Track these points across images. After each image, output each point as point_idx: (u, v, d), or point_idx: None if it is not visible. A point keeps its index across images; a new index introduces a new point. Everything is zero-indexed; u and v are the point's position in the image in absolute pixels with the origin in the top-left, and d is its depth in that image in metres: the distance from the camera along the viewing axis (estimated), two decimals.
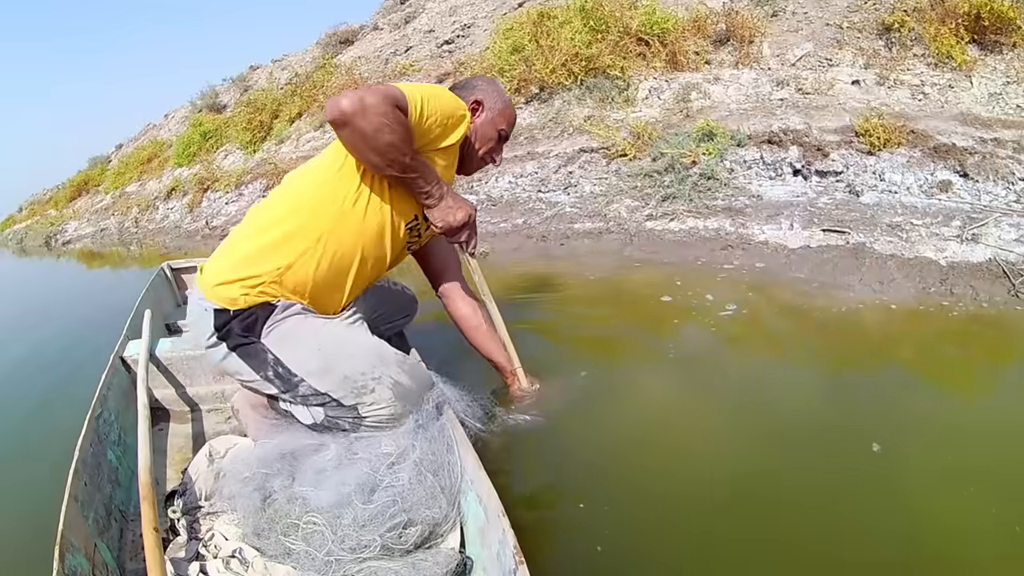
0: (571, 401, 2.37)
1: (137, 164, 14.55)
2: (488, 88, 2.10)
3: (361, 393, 1.74)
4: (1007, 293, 3.28)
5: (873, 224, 4.13)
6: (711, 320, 3.11)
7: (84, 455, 1.76)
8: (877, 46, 6.27)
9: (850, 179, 4.68)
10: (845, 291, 3.42)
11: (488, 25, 9.76)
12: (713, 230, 4.42)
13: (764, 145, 5.07)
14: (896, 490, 1.79)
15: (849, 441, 2.03)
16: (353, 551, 1.50)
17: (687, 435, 2.23)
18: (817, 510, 1.76)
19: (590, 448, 2.14)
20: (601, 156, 5.74)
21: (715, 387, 2.53)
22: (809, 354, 2.77)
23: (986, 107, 5.25)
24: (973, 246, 3.77)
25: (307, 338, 1.77)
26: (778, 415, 2.26)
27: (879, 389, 2.40)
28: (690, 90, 6.42)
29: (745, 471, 1.96)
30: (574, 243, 4.66)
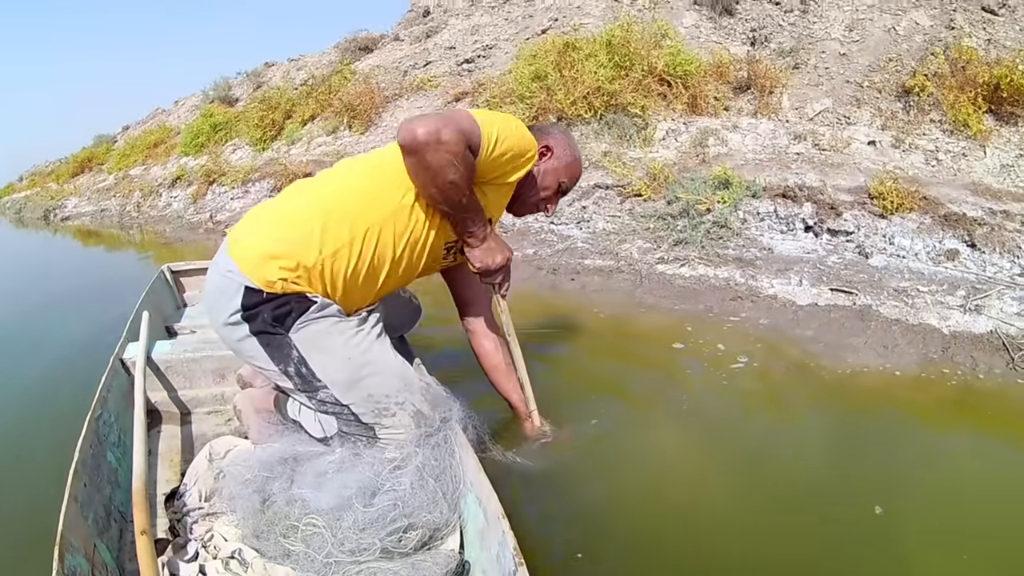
0: (581, 448, 2.43)
1: (143, 148, 14.67)
2: (562, 139, 2.14)
3: (382, 415, 1.77)
4: (1006, 366, 3.38)
5: (880, 287, 4.25)
6: (723, 372, 3.20)
7: (84, 456, 1.78)
8: (895, 108, 6.44)
9: (860, 240, 4.80)
10: (851, 353, 3.53)
11: (510, 48, 9.92)
12: (723, 279, 4.53)
13: (778, 199, 5.20)
14: (897, 552, 1.89)
15: (853, 502, 2.14)
16: (352, 553, 1.53)
17: (692, 485, 2.31)
18: (819, 569, 1.85)
19: (596, 494, 2.18)
20: (616, 193, 5.86)
21: (726, 440, 2.62)
22: (817, 413, 2.88)
23: (997, 178, 5.40)
24: (976, 317, 3.88)
25: (338, 347, 1.77)
26: (785, 473, 2.36)
27: (882, 452, 2.50)
28: (708, 135, 6.56)
29: (746, 520, 2.07)
30: (584, 279, 4.76)
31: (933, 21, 7.40)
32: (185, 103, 17.18)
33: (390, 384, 1.79)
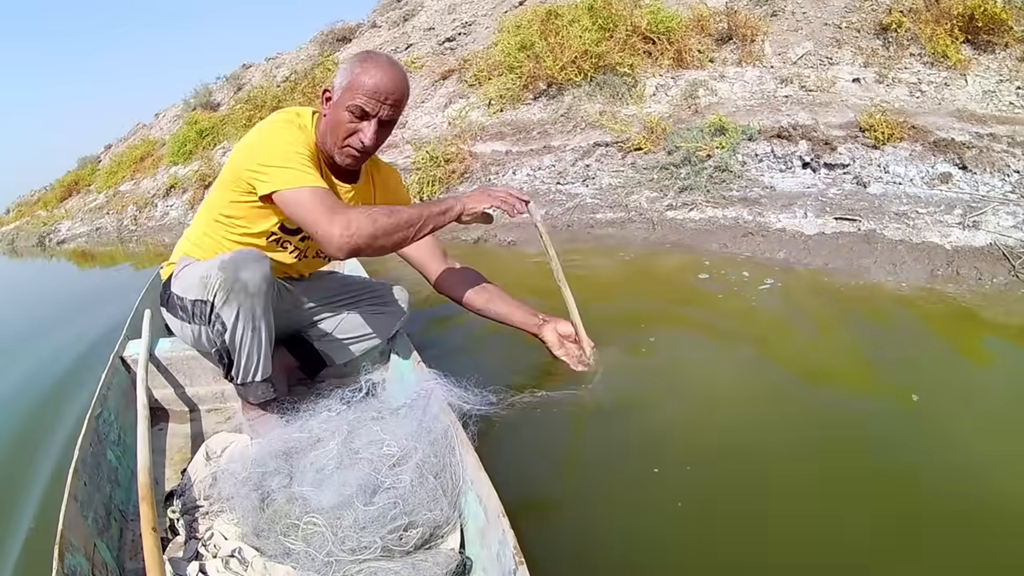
0: (627, 379, 2.62)
1: (130, 163, 14.81)
2: (340, 68, 2.03)
3: (206, 285, 1.98)
4: (1008, 273, 3.71)
5: (881, 212, 4.56)
6: (752, 294, 3.52)
7: (84, 455, 1.80)
8: (875, 45, 6.74)
9: (857, 171, 5.12)
10: (863, 272, 3.85)
11: (490, 23, 10.14)
12: (732, 219, 4.84)
13: (774, 139, 5.50)
14: (937, 433, 2.19)
15: (893, 393, 2.44)
16: (353, 552, 1.56)
17: (731, 424, 2.43)
18: (874, 454, 2.12)
19: (597, 493, 2.20)
20: (616, 150, 6.14)
21: (769, 364, 2.85)
22: (844, 322, 3.20)
23: (980, 104, 5.73)
24: (975, 232, 4.20)
25: (186, 275, 2.15)
26: (826, 378, 2.65)
27: (908, 350, 2.84)
28: (697, 87, 6.85)
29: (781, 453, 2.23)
30: (599, 231, 5.06)
31: None
32: (166, 114, 17.28)
33: (207, 266, 2.02)
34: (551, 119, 7.18)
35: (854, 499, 1.89)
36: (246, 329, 1.96)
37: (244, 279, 1.89)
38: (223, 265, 1.91)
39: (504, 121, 7.55)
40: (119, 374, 2.39)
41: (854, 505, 1.86)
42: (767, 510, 1.93)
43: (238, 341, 1.98)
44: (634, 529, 1.96)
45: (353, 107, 1.91)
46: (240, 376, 2.07)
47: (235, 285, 1.89)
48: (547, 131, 6.91)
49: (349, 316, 2.47)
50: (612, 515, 2.03)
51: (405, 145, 8.16)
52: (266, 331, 2.00)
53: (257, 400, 2.12)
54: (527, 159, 6.48)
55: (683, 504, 2.00)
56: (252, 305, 1.92)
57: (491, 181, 6.46)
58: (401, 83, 1.95)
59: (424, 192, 6.57)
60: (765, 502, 1.97)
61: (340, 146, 1.99)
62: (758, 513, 1.93)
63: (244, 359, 2.02)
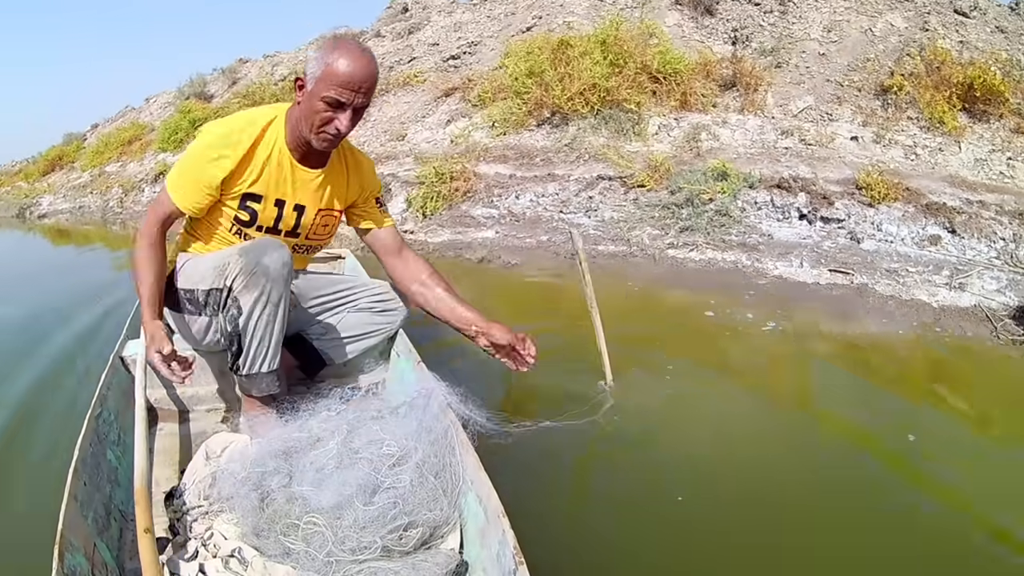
0: (639, 399, 2.85)
1: (118, 145, 14.83)
2: (311, 56, 2.07)
3: (224, 273, 2.08)
4: (990, 334, 3.96)
5: (873, 268, 4.83)
6: (756, 334, 3.75)
7: (84, 455, 1.81)
8: (874, 105, 7.08)
9: (851, 227, 5.39)
10: (856, 322, 4.09)
11: (496, 45, 10.38)
12: (731, 262, 5.07)
13: (774, 189, 5.77)
14: (933, 470, 2.45)
15: (890, 433, 2.69)
16: (353, 552, 1.58)
17: (726, 443, 2.66)
18: (874, 489, 2.35)
19: (597, 492, 2.36)
20: (619, 184, 6.37)
21: (770, 397, 3.12)
22: (841, 365, 3.49)
23: (972, 171, 6.06)
24: (960, 293, 4.48)
25: (194, 268, 2.24)
26: (828, 418, 2.88)
27: (902, 393, 3.13)
28: (700, 130, 7.13)
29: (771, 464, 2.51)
30: (602, 263, 5.26)
31: (908, 23, 8.09)
32: (156, 100, 17.34)
33: (221, 256, 2.14)
34: (554, 147, 7.40)
35: (850, 530, 2.09)
36: (262, 314, 2.04)
37: (266, 263, 2.00)
38: (243, 251, 2.03)
39: (507, 144, 7.75)
40: (119, 374, 2.41)
41: (850, 535, 2.06)
42: (762, 514, 2.13)
43: (252, 326, 2.06)
44: (633, 530, 2.08)
45: (328, 98, 1.98)
46: (247, 365, 2.13)
47: (256, 268, 1.99)
48: (550, 159, 7.13)
49: (348, 316, 2.55)
50: (612, 516, 2.15)
51: (405, 158, 8.34)
52: (280, 321, 2.09)
53: (260, 393, 2.18)
54: (531, 184, 6.68)
55: (682, 505, 2.16)
56: (271, 289, 2.02)
57: (493, 202, 6.64)
58: (372, 71, 2.03)
59: (428, 207, 6.74)
60: (758, 508, 2.17)
61: (316, 132, 2.06)
62: (758, 516, 2.12)
63: (255, 346, 2.10)
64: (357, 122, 2.10)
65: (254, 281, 2.01)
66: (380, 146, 9.17)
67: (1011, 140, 6.28)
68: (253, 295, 2.02)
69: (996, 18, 7.96)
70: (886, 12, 8.37)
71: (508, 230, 6.13)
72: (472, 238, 6.08)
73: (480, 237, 6.08)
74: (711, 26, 9.43)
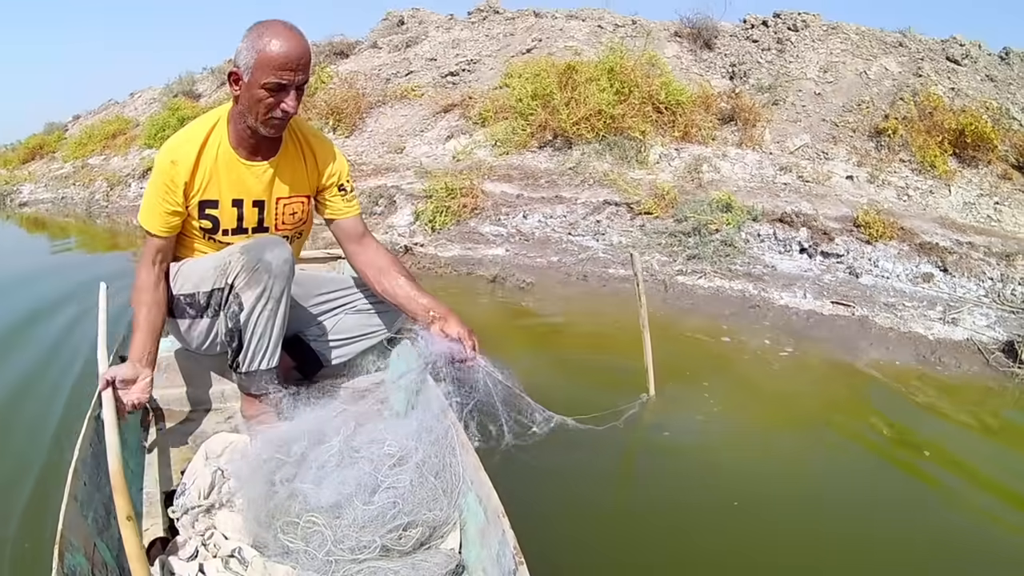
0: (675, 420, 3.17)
1: (101, 138, 14.97)
2: (241, 46, 2.10)
3: (225, 271, 2.13)
4: (984, 365, 4.37)
5: (873, 302, 5.23)
6: (775, 360, 4.13)
7: (84, 455, 1.84)
8: (868, 147, 7.57)
9: (850, 262, 5.80)
10: (861, 351, 4.48)
11: (494, 64, 10.75)
12: (738, 291, 5.45)
13: (776, 223, 6.18)
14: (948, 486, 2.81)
15: (904, 451, 3.09)
16: (352, 552, 1.62)
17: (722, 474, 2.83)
18: (886, 504, 2.72)
19: (598, 492, 2.56)
20: (626, 210, 6.74)
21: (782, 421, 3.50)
22: (855, 389, 3.90)
23: (961, 214, 6.54)
24: (953, 327, 4.88)
25: (191, 271, 2.32)
26: (845, 439, 3.25)
27: (912, 416, 3.54)
28: (701, 162, 7.55)
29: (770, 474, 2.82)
30: (615, 286, 5.59)
31: (902, 68, 8.64)
32: (141, 96, 17.47)
33: (213, 262, 2.23)
34: (558, 170, 7.77)
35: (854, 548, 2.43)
36: (264, 309, 2.11)
37: (268, 259, 2.06)
38: (245, 249, 2.10)
39: (511, 164, 8.10)
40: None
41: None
42: (763, 517, 2.39)
43: (253, 322, 2.12)
44: (633, 530, 2.21)
45: (269, 84, 2.03)
46: (247, 362, 2.19)
47: (259, 264, 2.06)
48: (555, 181, 7.49)
49: (346, 317, 2.59)
50: (611, 516, 2.30)
51: (406, 171, 8.63)
52: (281, 317, 2.16)
53: (259, 391, 2.24)
54: (539, 205, 7.02)
55: (681, 508, 2.35)
56: (274, 285, 2.08)
57: (501, 221, 6.96)
58: (305, 47, 2.07)
59: (437, 221, 7.04)
60: (761, 515, 2.42)
61: (263, 120, 2.11)
62: (761, 521, 2.36)
63: (256, 342, 2.15)
64: (301, 99, 2.15)
65: (256, 277, 2.07)
66: (378, 157, 9.45)
67: (998, 185, 6.78)
68: (256, 291, 2.08)
69: (986, 67, 8.54)
70: (881, 56, 8.91)
71: (518, 249, 6.44)
72: (482, 255, 6.37)
73: (490, 254, 6.38)
74: (709, 60, 9.92)
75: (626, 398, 3.19)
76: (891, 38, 9.26)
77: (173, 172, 2.17)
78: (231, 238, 2.31)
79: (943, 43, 8.98)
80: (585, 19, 11.51)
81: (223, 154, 2.23)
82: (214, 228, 2.29)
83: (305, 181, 2.40)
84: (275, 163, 2.30)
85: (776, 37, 9.74)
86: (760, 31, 10.01)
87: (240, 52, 2.07)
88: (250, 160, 2.26)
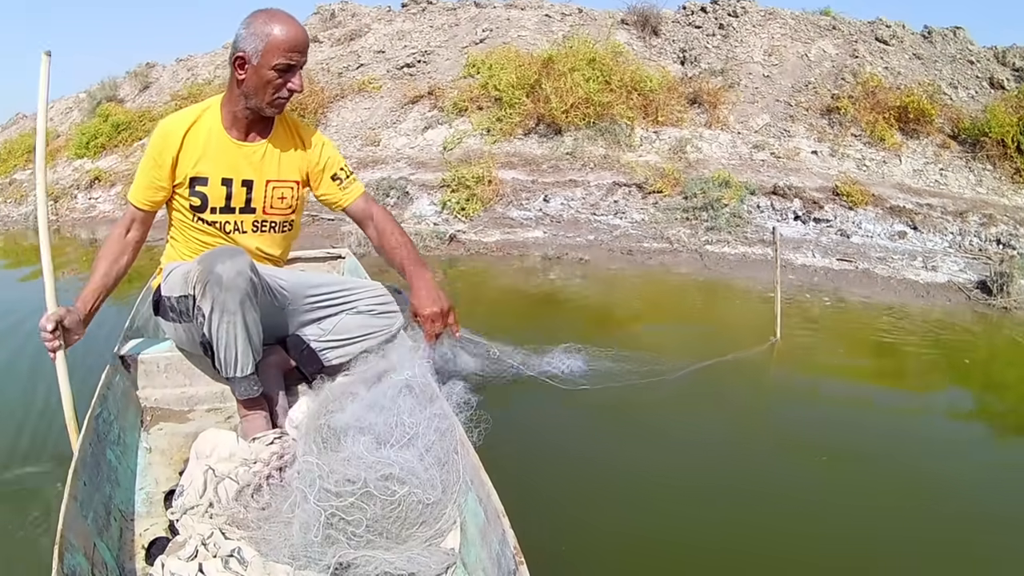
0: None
1: (22, 152, 15.03)
2: (245, 34, 2.35)
3: (188, 280, 2.28)
4: (966, 300, 6.07)
5: (867, 257, 6.92)
6: (822, 306, 5.70)
7: (83, 455, 1.92)
8: (822, 124, 9.34)
9: (839, 226, 7.49)
10: (875, 295, 6.10)
11: (448, 55, 11.89)
12: (760, 255, 7.00)
13: (772, 195, 7.80)
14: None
15: (928, 379, 4.66)
16: (337, 484, 1.78)
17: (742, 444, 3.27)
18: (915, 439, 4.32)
19: (598, 492, 2.74)
20: (636, 190, 8.21)
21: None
22: (884, 322, 5.42)
23: (913, 180, 8.37)
24: (935, 273, 6.62)
25: (172, 276, 2.49)
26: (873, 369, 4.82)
27: (930, 341, 5.06)
28: (684, 143, 9.10)
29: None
30: (658, 259, 7.00)
31: (838, 50, 10.49)
32: (54, 106, 17.50)
33: (185, 268, 2.40)
34: (554, 155, 9.11)
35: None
36: (221, 322, 2.22)
37: (218, 272, 2.17)
38: (201, 260, 2.25)
39: (507, 152, 9.35)
40: (119, 374, 2.54)
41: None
42: (771, 513, 2.65)
43: (215, 334, 2.25)
44: (634, 530, 2.38)
45: (279, 65, 2.32)
46: (223, 369, 2.33)
47: (210, 277, 2.17)
48: (557, 166, 8.85)
49: (347, 318, 2.67)
50: (612, 516, 2.49)
51: (396, 162, 9.69)
52: (242, 326, 2.25)
53: (242, 396, 2.39)
54: (557, 189, 8.35)
55: (683, 507, 2.55)
56: (225, 299, 2.19)
57: (523, 205, 8.28)
58: (305, 31, 2.40)
59: (469, 209, 8.26)
60: (781, 511, 2.69)
61: (271, 101, 2.39)
62: (770, 521, 2.59)
63: (223, 353, 2.28)
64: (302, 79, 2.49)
65: (208, 290, 2.19)
66: (357, 150, 10.41)
67: (940, 154, 8.68)
68: (209, 304, 2.21)
69: (912, 46, 10.52)
70: (817, 39, 10.75)
71: (555, 230, 7.78)
72: (523, 237, 7.65)
73: (531, 236, 7.67)
74: (659, 46, 11.48)
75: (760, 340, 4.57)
76: (824, 21, 11.16)
77: (162, 145, 2.43)
78: (219, 216, 2.52)
79: (871, 24, 10.92)
80: (525, 8, 12.82)
81: (215, 134, 2.48)
82: (202, 206, 2.50)
83: (295, 166, 2.62)
84: (266, 145, 2.55)
85: (718, 23, 11.40)
86: (701, 17, 11.68)
87: (245, 39, 2.33)
88: (242, 141, 2.51)
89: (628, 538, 2.40)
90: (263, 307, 2.36)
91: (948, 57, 10.30)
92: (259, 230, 2.61)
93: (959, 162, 8.62)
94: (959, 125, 8.98)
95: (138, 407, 2.57)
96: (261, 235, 2.62)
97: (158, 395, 2.62)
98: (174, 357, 2.63)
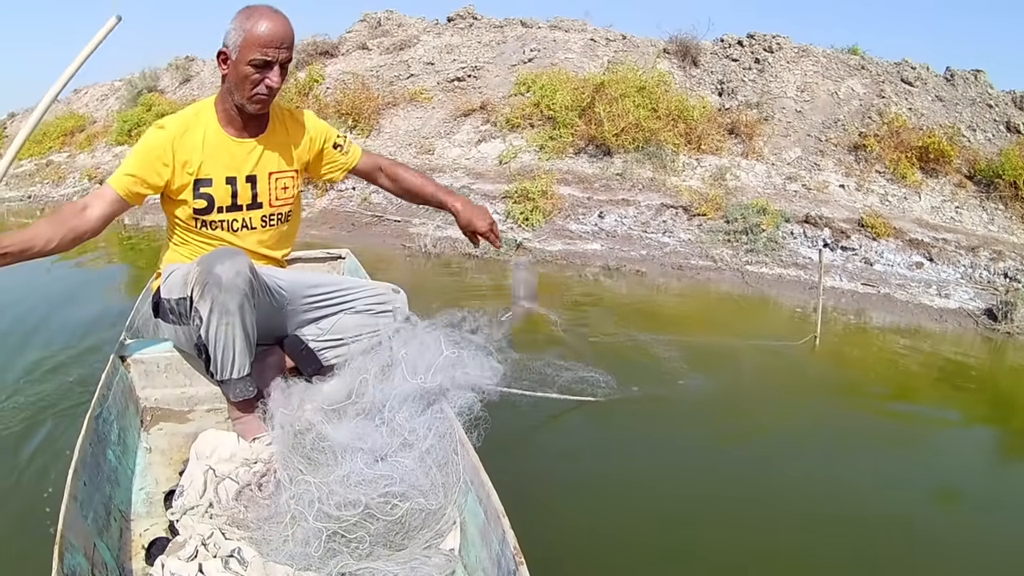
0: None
1: (58, 135, 16.07)
2: (229, 28, 2.41)
3: (187, 282, 2.36)
4: (975, 325, 7.38)
5: (888, 283, 8.23)
6: (848, 323, 7.01)
7: (83, 455, 1.98)
8: (849, 159, 10.63)
9: (863, 254, 8.81)
10: (895, 317, 7.40)
11: (498, 72, 13.15)
12: (794, 276, 8.30)
13: (804, 224, 9.12)
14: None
15: (945, 382, 5.98)
16: (338, 507, 1.85)
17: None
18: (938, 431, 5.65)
19: (597, 492, 2.89)
20: (682, 212, 9.51)
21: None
22: (900, 341, 6.71)
23: (931, 215, 9.70)
24: (948, 300, 7.93)
25: (172, 278, 2.58)
26: (895, 378, 6.12)
27: (941, 358, 6.37)
28: (724, 171, 10.39)
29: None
30: (706, 274, 8.29)
31: (866, 89, 11.79)
32: (88, 92, 18.42)
33: (184, 270, 2.48)
34: (604, 175, 10.41)
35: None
36: (220, 323, 2.27)
37: (217, 273, 2.22)
38: (201, 261, 2.31)
39: (560, 169, 10.64)
40: (119, 374, 2.59)
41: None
42: (778, 521, 2.79)
43: (212, 335, 2.30)
44: (634, 530, 2.46)
45: (255, 60, 2.34)
46: (218, 372, 2.39)
47: (209, 279, 2.22)
48: (608, 185, 10.13)
49: (346, 317, 2.71)
50: (612, 516, 2.58)
51: (454, 171, 10.97)
52: (240, 327, 2.31)
53: (236, 398, 2.45)
54: (611, 207, 9.62)
55: (683, 508, 2.64)
56: (224, 300, 2.24)
57: (580, 220, 9.50)
58: (289, 27, 2.41)
59: (532, 220, 9.49)
60: (778, 522, 2.83)
61: (249, 97, 2.42)
62: (771, 525, 2.73)
63: (220, 354, 2.34)
64: (285, 76, 2.49)
65: (207, 292, 2.24)
66: (412, 157, 11.66)
67: (956, 192, 10.00)
68: (207, 305, 2.25)
69: (935, 88, 11.82)
70: (847, 78, 12.06)
71: (611, 244, 9.05)
72: (583, 249, 8.91)
73: (590, 248, 8.93)
74: (698, 76, 12.75)
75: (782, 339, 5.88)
76: (853, 61, 12.46)
77: (158, 137, 2.47)
78: (226, 215, 2.59)
79: (897, 65, 12.22)
80: (569, 30, 14.13)
81: (212, 134, 2.53)
82: (208, 208, 2.55)
83: (294, 155, 2.72)
84: (264, 140, 2.62)
85: (754, 57, 12.67)
86: (737, 50, 12.97)
87: (228, 33, 2.40)
88: (239, 137, 2.58)
89: (628, 538, 2.55)
90: (261, 307, 2.42)
91: (968, 100, 11.54)
92: (267, 224, 2.70)
93: (974, 201, 9.92)
94: (975, 166, 10.22)
95: (138, 407, 2.65)
96: (269, 230, 2.72)
97: (158, 395, 2.69)
98: (174, 357, 2.70)
